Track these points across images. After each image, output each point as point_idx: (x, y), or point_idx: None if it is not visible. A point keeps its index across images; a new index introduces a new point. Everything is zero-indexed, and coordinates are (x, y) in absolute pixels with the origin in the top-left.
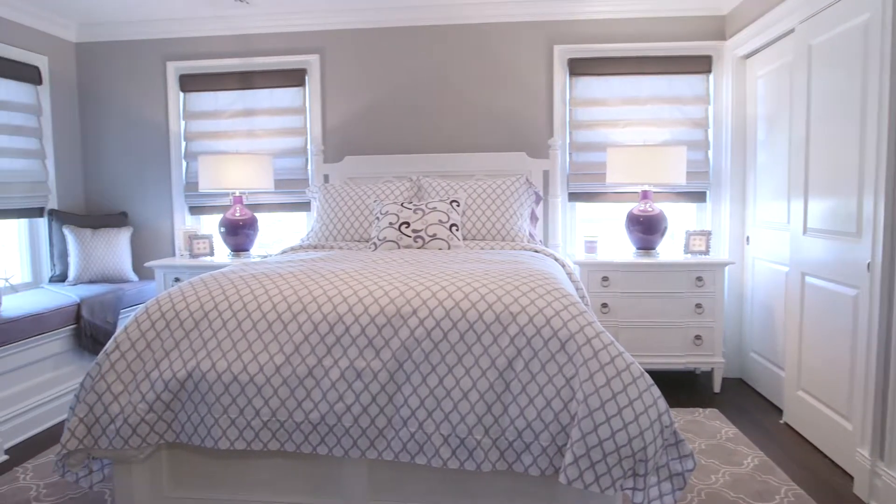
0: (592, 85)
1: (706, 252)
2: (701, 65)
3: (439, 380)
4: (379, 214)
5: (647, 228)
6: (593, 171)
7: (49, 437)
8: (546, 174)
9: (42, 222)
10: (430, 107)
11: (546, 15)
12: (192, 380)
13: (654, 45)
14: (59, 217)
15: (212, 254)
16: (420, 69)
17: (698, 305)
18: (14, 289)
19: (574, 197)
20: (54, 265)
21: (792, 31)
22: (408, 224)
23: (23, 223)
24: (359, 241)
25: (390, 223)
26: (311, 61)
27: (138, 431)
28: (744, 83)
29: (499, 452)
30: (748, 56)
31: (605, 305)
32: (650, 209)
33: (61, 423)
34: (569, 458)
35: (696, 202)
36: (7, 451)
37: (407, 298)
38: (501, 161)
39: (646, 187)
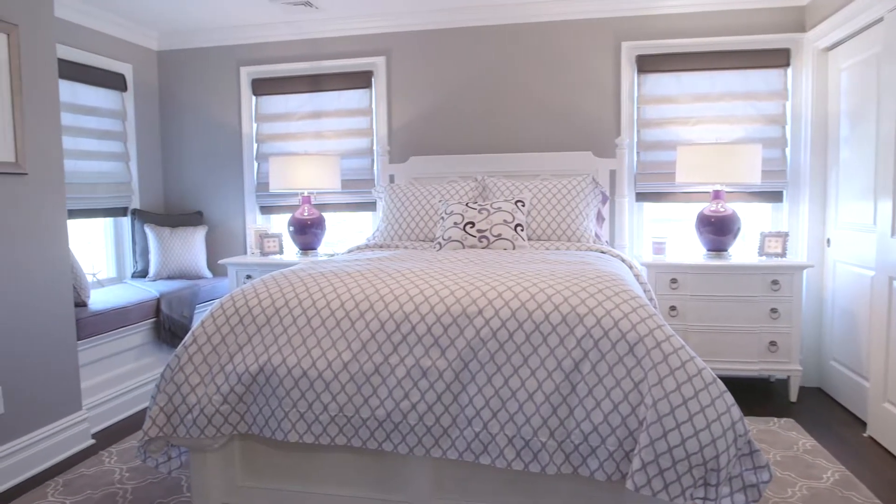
0: (661, 82)
1: (782, 254)
2: (778, 58)
3: (504, 380)
4: (444, 214)
5: (718, 229)
6: (662, 170)
7: (131, 424)
8: (613, 174)
9: (125, 221)
10: (494, 106)
11: (614, 11)
12: (263, 374)
13: (727, 38)
14: (141, 216)
15: (281, 252)
16: (484, 69)
17: (773, 310)
18: (100, 283)
19: (641, 197)
20: (136, 262)
21: (880, 20)
22: (472, 224)
23: (108, 222)
24: (423, 240)
25: (455, 223)
26: (378, 63)
27: (213, 422)
28: (825, 77)
29: (564, 455)
30: (830, 48)
31: (673, 308)
32: (722, 209)
33: (142, 411)
34: (636, 464)
35: (772, 202)
36: (94, 436)
37: (473, 298)
38: (567, 161)
39: (718, 187)
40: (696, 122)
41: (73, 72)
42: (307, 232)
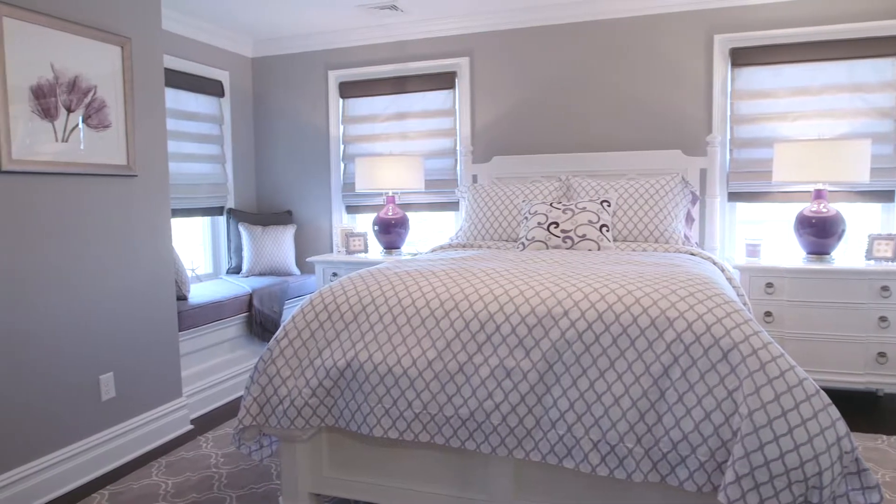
0: (758, 75)
1: (893, 259)
2: (890, 46)
3: (590, 383)
4: (527, 214)
5: (820, 231)
6: (757, 168)
7: (226, 412)
8: (703, 173)
9: (221, 220)
10: (579, 105)
11: (706, 3)
12: (350, 369)
13: (831, 27)
14: (236, 215)
15: (366, 251)
16: (569, 67)
17: (883, 318)
18: (199, 279)
19: (734, 197)
20: (231, 258)
21: None
22: (557, 224)
23: (206, 220)
24: (507, 240)
25: (539, 223)
26: (461, 64)
27: (302, 414)
28: None
29: (651, 463)
30: None
31: (768, 314)
32: (824, 210)
33: (235, 401)
34: (730, 476)
35: (882, 202)
36: (192, 422)
37: (558, 299)
38: (655, 159)
39: (820, 186)
40: (796, 118)
41: (176, 80)
42: (391, 231)
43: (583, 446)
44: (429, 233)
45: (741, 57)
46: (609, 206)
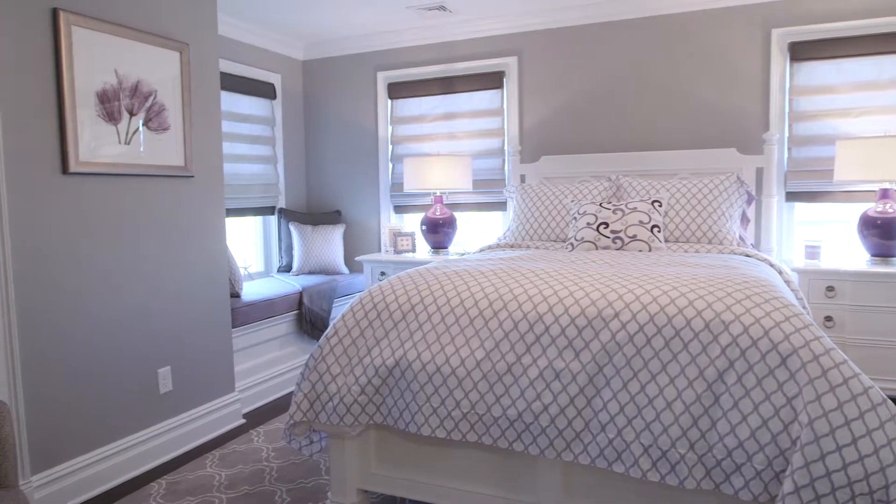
0: (818, 70)
1: None
2: None
3: (641, 387)
4: (576, 215)
5: (885, 232)
6: (817, 167)
7: (276, 408)
8: (759, 171)
9: (273, 219)
10: (629, 103)
11: None
12: (398, 368)
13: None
14: (286, 215)
15: (413, 250)
16: (618, 65)
17: None
18: (251, 277)
19: (792, 197)
20: (282, 257)
21: None
22: (606, 224)
23: (258, 220)
24: (555, 241)
25: (588, 223)
26: (510, 63)
27: (351, 411)
28: None
29: (704, 470)
30: None
31: (828, 319)
32: (890, 210)
33: (285, 396)
34: (788, 486)
35: None
36: (244, 416)
37: (608, 301)
38: (708, 158)
39: (886, 185)
40: (860, 114)
41: (231, 83)
42: (439, 231)
43: (633, 451)
44: (476, 233)
45: (801, 51)
46: (660, 206)
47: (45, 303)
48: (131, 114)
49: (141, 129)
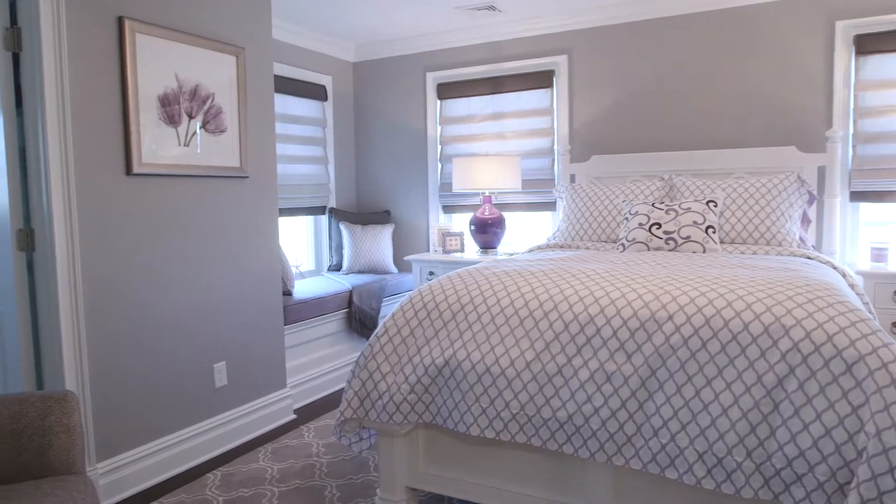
0: (887, 63)
1: None
2: None
3: (695, 391)
4: (627, 215)
5: None
6: (884, 165)
7: (326, 404)
8: (822, 170)
9: (323, 219)
10: (682, 101)
11: None
12: (448, 367)
13: None
14: (337, 214)
15: (462, 250)
16: (672, 61)
17: None
18: (302, 275)
19: (857, 196)
20: (332, 256)
21: None
22: (659, 225)
23: (309, 220)
24: (605, 241)
25: (640, 224)
26: (559, 62)
27: (401, 409)
28: None
29: (762, 479)
30: None
31: None
32: None
33: (335, 393)
34: (854, 499)
35: None
36: (295, 412)
37: (662, 303)
38: (766, 157)
39: None
40: None
41: (284, 85)
42: (488, 231)
43: (687, 457)
44: (524, 233)
45: (867, 44)
46: (716, 206)
47: (110, 298)
48: (190, 116)
49: (199, 131)
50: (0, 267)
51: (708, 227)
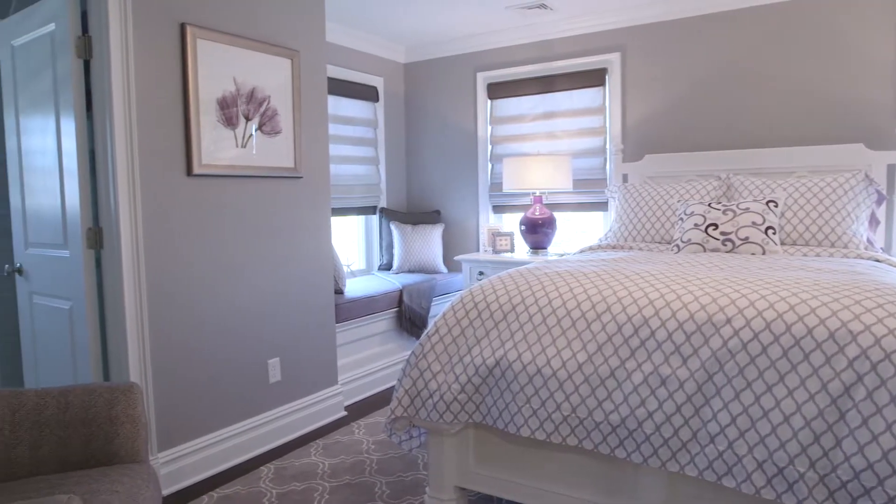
0: None
1: None
2: None
3: (755, 398)
4: (682, 215)
5: None
6: None
7: (376, 402)
8: (892, 168)
9: (374, 219)
10: (740, 98)
11: None
12: (499, 368)
13: None
14: (387, 214)
15: (512, 250)
16: (729, 57)
17: None
18: (353, 274)
19: None
20: (382, 255)
21: None
22: (715, 226)
23: (360, 219)
24: (659, 242)
25: (695, 224)
26: (612, 60)
27: (451, 408)
28: None
29: (827, 491)
30: None
31: None
32: None
33: (384, 391)
34: None
35: None
36: (346, 409)
37: (720, 306)
38: (831, 154)
39: None
40: None
41: (336, 87)
42: (538, 231)
43: (745, 465)
44: (575, 233)
45: None
46: (776, 206)
47: (171, 294)
48: (247, 119)
49: (255, 132)
50: (72, 264)
51: (768, 228)
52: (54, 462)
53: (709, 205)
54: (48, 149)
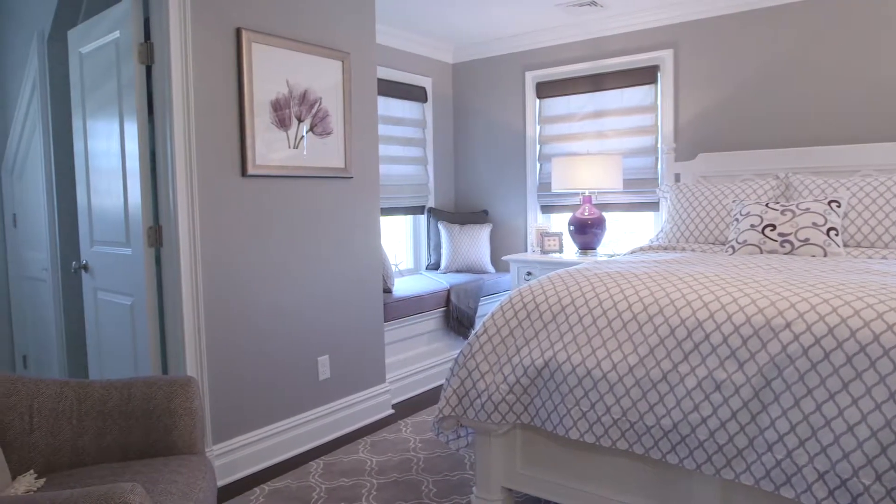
0: None
1: None
2: None
3: (816, 406)
4: (738, 216)
5: None
6: None
7: (423, 400)
8: None
9: (422, 218)
10: (799, 93)
11: None
12: (548, 369)
13: None
14: (435, 214)
15: (560, 251)
16: (786, 52)
17: None
18: (401, 273)
19: None
20: (430, 255)
21: None
22: (773, 227)
23: (408, 219)
24: (713, 243)
25: (752, 225)
26: (664, 57)
27: (499, 409)
28: None
29: None
30: None
31: None
32: None
33: (431, 390)
34: None
35: None
36: (393, 407)
37: (779, 309)
38: None
39: None
40: None
41: (385, 88)
42: (587, 232)
43: (805, 476)
44: (624, 234)
45: None
46: (839, 206)
47: (225, 291)
48: (299, 120)
49: (306, 134)
50: (133, 262)
51: (830, 229)
52: (117, 451)
53: (766, 205)
54: (112, 151)
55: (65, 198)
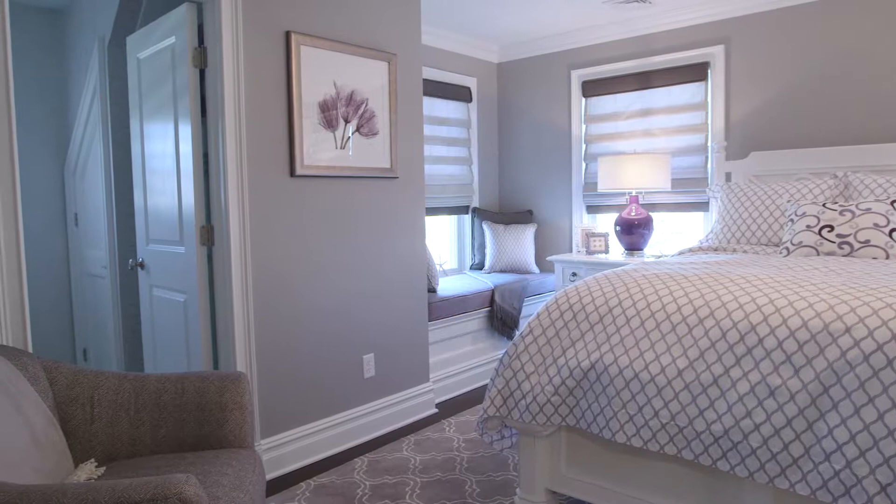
0: None
1: None
2: None
3: (878, 415)
4: (793, 216)
5: None
6: None
7: (466, 400)
8: None
9: (466, 218)
10: (858, 89)
11: None
12: (594, 371)
13: None
14: (480, 214)
15: (606, 251)
16: (843, 46)
17: None
18: (445, 273)
19: None
20: (474, 255)
21: None
22: (831, 228)
23: (452, 219)
24: (766, 244)
25: (808, 226)
26: (715, 53)
27: (544, 410)
28: None
29: None
30: None
31: None
32: None
33: (475, 390)
34: None
35: None
36: (437, 406)
37: (838, 314)
38: None
39: None
40: None
41: (431, 88)
42: (634, 232)
43: (866, 487)
44: (671, 235)
45: None
46: None
47: (274, 289)
48: (346, 121)
49: (352, 134)
50: (186, 260)
51: (892, 231)
52: (172, 442)
53: (823, 205)
54: (167, 153)
55: (123, 198)
